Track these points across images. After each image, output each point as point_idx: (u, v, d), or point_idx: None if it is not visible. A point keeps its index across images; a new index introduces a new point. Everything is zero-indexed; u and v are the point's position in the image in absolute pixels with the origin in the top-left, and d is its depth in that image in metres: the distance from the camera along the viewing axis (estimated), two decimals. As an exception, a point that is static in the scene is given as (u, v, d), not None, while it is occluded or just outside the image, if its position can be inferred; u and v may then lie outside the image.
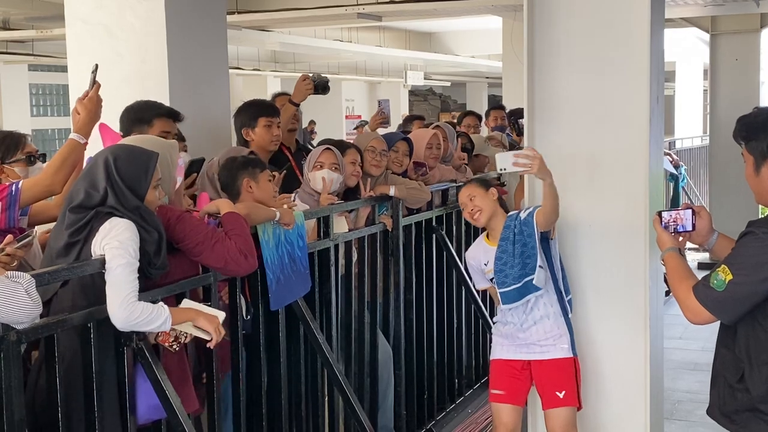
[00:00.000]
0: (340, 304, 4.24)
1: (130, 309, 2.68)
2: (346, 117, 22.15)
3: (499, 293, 3.80)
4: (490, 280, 3.90)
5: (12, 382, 2.40)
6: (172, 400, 2.88)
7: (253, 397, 3.61)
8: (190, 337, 2.93)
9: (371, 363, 4.46)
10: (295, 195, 4.18)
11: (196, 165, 3.86)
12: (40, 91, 19.34)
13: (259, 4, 10.76)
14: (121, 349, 2.84)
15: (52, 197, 3.40)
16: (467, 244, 5.37)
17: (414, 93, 29.92)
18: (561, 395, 3.78)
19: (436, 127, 5.67)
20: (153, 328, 2.80)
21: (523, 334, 3.82)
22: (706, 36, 11.21)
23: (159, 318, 2.75)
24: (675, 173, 10.47)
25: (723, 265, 2.63)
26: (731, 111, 9.74)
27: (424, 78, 24.65)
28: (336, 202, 4.20)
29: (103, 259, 2.71)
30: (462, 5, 10.63)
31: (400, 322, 4.74)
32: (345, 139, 8.38)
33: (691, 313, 2.70)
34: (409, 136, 5.15)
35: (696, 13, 10.00)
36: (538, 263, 3.70)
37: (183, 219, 3.06)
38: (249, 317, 3.62)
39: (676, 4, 8.92)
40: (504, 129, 7.43)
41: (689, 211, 2.94)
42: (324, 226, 4.04)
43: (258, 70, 19.06)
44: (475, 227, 4.93)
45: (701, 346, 6.57)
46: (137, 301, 2.71)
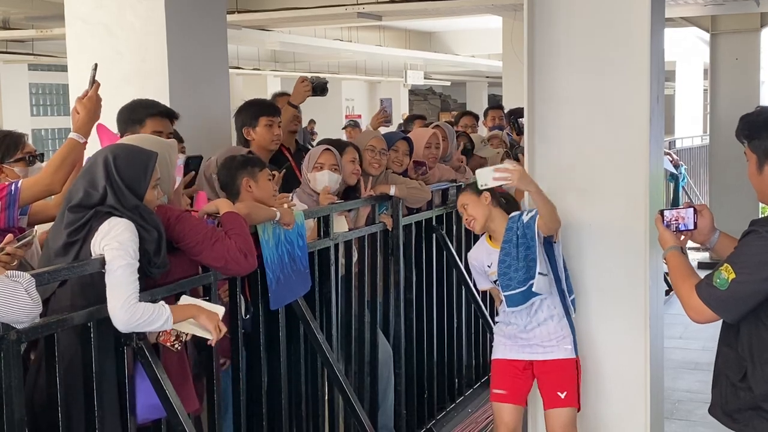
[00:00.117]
0: (340, 303, 4.24)
1: (131, 311, 2.68)
2: (346, 116, 22.12)
3: (504, 296, 3.78)
4: (494, 282, 3.88)
5: (12, 382, 2.40)
6: (172, 400, 2.88)
7: (253, 397, 3.61)
8: (191, 335, 2.93)
9: (371, 362, 4.46)
10: (293, 195, 4.18)
11: (195, 163, 3.84)
12: (40, 91, 19.33)
13: (259, 3, 10.75)
14: (121, 348, 2.84)
15: (51, 196, 3.40)
16: (467, 244, 5.37)
17: (414, 92, 29.91)
18: (562, 396, 3.78)
19: (435, 127, 5.67)
20: (155, 329, 2.79)
21: (527, 335, 3.81)
22: (706, 35, 11.21)
23: (160, 318, 2.75)
24: (675, 173, 10.47)
25: (726, 263, 2.63)
26: (731, 110, 9.78)
27: (424, 77, 24.64)
28: (336, 202, 4.20)
29: (102, 258, 2.70)
30: (462, 5, 10.61)
31: (400, 322, 4.73)
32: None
33: (693, 311, 2.70)
34: (408, 136, 5.15)
35: (696, 13, 10.00)
36: (538, 270, 3.68)
37: (183, 218, 3.06)
38: (248, 316, 3.61)
39: (677, 3, 8.91)
40: (502, 129, 7.41)
41: (691, 209, 2.93)
42: (324, 225, 4.04)
43: (258, 69, 19.05)
44: (476, 227, 4.91)
45: (701, 346, 6.57)
46: (138, 302, 2.71)
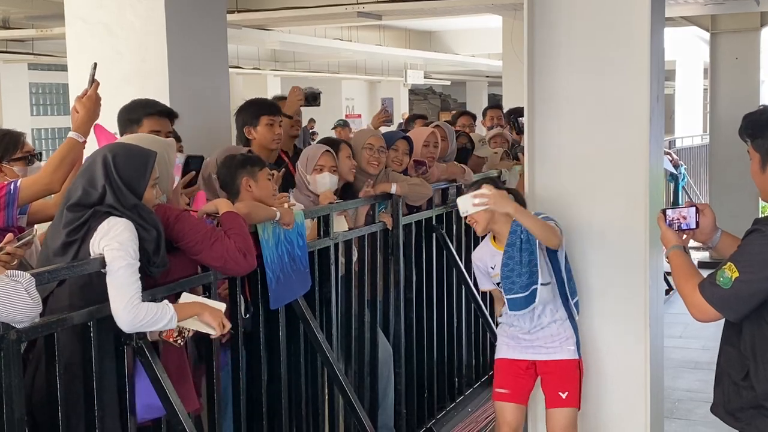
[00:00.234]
0: (340, 303, 4.23)
1: (135, 311, 2.68)
2: (346, 116, 22.12)
3: (506, 299, 3.77)
4: (497, 284, 3.87)
5: (12, 381, 2.40)
6: (171, 399, 2.88)
7: (253, 396, 3.61)
8: (194, 330, 2.93)
9: (371, 362, 4.46)
10: (290, 195, 4.17)
11: (195, 163, 3.83)
12: (40, 90, 19.32)
13: (259, 3, 10.74)
14: (121, 348, 2.84)
15: (50, 196, 3.39)
16: (467, 243, 5.37)
17: (414, 92, 29.90)
18: (564, 396, 3.79)
19: (436, 127, 5.66)
20: (159, 328, 2.79)
21: (530, 336, 3.82)
22: (706, 35, 11.20)
23: (164, 317, 2.75)
24: (675, 173, 10.47)
25: (729, 262, 2.63)
26: (731, 110, 9.78)
27: (424, 77, 24.62)
28: (336, 201, 4.20)
29: (102, 258, 2.70)
30: (462, 4, 10.60)
31: (400, 321, 4.73)
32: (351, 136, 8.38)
33: (697, 310, 2.70)
34: (408, 135, 5.15)
35: (696, 12, 9.99)
36: (540, 281, 3.68)
37: (182, 218, 3.05)
38: (248, 315, 3.61)
39: (677, 2, 8.90)
40: (502, 128, 7.41)
41: (693, 208, 2.94)
42: (324, 225, 4.03)
43: (258, 69, 19.04)
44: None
45: (702, 345, 6.57)
46: (141, 302, 2.71)
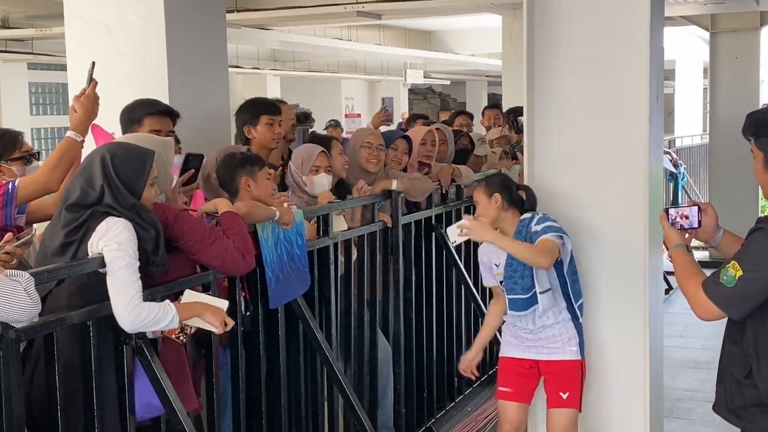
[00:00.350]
0: (340, 302, 4.23)
1: (136, 311, 2.68)
2: (346, 115, 22.09)
3: (507, 299, 3.78)
4: (500, 282, 3.88)
5: (11, 380, 2.39)
6: (171, 399, 2.88)
7: (252, 396, 3.61)
8: (196, 327, 2.93)
9: (371, 361, 4.46)
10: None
11: (195, 161, 3.83)
12: (40, 90, 19.30)
13: (259, 2, 10.72)
14: (121, 347, 2.83)
15: (49, 195, 3.39)
16: (467, 243, 5.37)
17: (414, 91, 29.88)
18: (564, 396, 3.79)
19: (436, 129, 5.65)
20: (160, 328, 2.79)
21: (533, 336, 3.82)
22: (706, 34, 11.20)
23: (166, 317, 2.75)
24: (675, 172, 10.47)
25: (733, 260, 2.63)
26: (731, 109, 9.79)
27: (424, 76, 24.60)
28: (335, 201, 4.19)
29: (101, 257, 2.70)
30: (461, 3, 10.59)
31: (400, 321, 4.73)
32: (344, 137, 8.38)
33: (700, 309, 2.70)
34: (407, 134, 5.15)
35: (696, 12, 9.99)
36: (539, 290, 3.70)
37: (181, 217, 3.05)
38: (248, 314, 3.61)
39: (676, 2, 8.90)
40: (501, 128, 7.43)
41: (695, 208, 2.94)
42: (323, 224, 4.03)
43: (257, 68, 19.02)
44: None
45: (701, 345, 6.55)
46: (143, 302, 2.70)
